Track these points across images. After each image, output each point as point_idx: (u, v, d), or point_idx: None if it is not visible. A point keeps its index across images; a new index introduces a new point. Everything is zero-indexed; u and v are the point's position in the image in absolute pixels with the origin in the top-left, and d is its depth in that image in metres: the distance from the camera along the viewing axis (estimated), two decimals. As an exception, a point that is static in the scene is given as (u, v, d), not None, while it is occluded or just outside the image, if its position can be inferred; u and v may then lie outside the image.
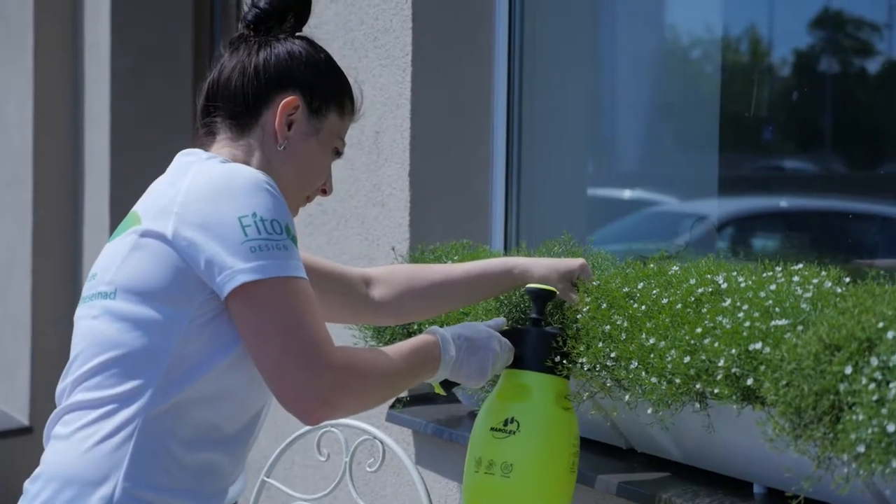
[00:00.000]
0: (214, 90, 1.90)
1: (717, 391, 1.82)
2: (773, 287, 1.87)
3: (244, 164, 1.82)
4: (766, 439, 1.70)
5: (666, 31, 3.29)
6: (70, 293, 5.25)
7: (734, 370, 1.79)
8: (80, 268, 5.30)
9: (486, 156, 3.24)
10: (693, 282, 1.99)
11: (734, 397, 1.80)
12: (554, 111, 3.29)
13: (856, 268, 2.46)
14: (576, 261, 2.18)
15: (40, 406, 5.20)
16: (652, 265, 2.17)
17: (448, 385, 2.02)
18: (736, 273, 1.98)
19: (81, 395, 1.74)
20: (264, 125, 1.87)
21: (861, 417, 1.51)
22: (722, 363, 1.80)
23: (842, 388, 1.57)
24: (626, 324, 2.00)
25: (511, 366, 2.06)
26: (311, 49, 1.91)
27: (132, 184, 2.27)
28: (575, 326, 2.09)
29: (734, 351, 1.79)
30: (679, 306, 1.95)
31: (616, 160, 3.47)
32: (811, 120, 2.90)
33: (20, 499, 1.77)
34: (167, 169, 1.84)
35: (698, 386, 1.85)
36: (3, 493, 4.79)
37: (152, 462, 1.70)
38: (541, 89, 3.25)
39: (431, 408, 2.99)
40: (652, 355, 1.93)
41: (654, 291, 2.02)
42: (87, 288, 1.82)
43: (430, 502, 2.49)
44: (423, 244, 2.96)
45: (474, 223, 3.21)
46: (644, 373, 1.94)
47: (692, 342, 1.87)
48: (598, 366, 2.03)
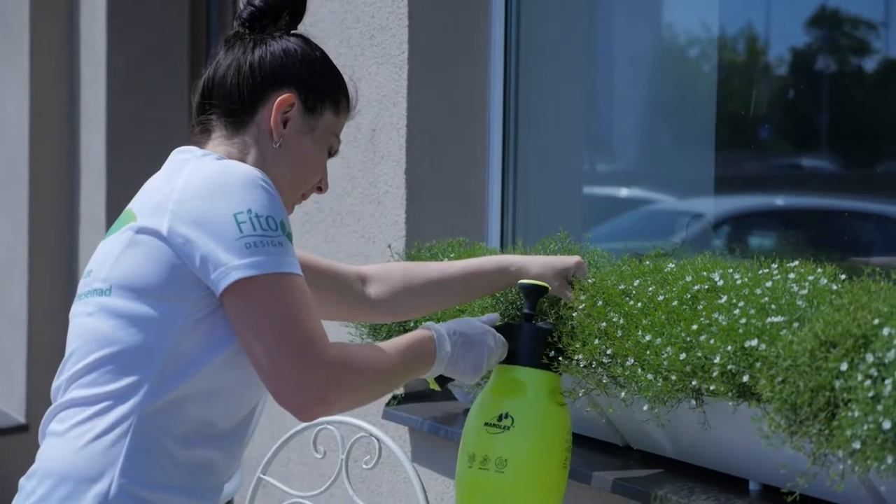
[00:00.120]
0: (210, 88, 1.89)
1: (712, 388, 1.82)
2: (769, 284, 1.87)
3: (239, 161, 1.82)
4: (762, 436, 1.71)
5: (662, 30, 3.29)
6: (66, 291, 5.24)
7: (730, 367, 1.79)
8: (77, 266, 5.30)
9: (483, 153, 3.24)
10: (689, 279, 1.99)
11: (730, 394, 1.81)
12: (550, 109, 3.28)
13: (852, 265, 2.46)
14: (571, 258, 2.18)
15: (36, 404, 5.20)
16: (648, 262, 2.17)
17: (443, 380, 2.02)
18: (732, 270, 1.98)
19: (77, 391, 1.74)
20: (260, 123, 1.87)
21: (857, 414, 1.51)
22: (718, 360, 1.80)
23: (837, 384, 1.57)
24: (622, 321, 2.00)
25: (504, 361, 2.06)
26: (307, 47, 1.91)
27: (128, 182, 2.27)
28: (571, 323, 2.09)
29: (730, 348, 1.79)
30: (675, 303, 1.95)
31: (612, 158, 3.47)
32: (808, 119, 2.90)
33: (16, 496, 1.77)
34: (162, 166, 1.84)
35: (694, 383, 1.85)
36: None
37: (148, 459, 1.70)
38: (537, 87, 3.25)
39: (428, 405, 2.99)
40: (648, 352, 1.93)
41: (651, 288, 2.02)
42: (82, 285, 1.82)
43: (427, 499, 2.49)
44: (420, 242, 2.96)
45: (471, 221, 3.20)
46: (640, 369, 1.94)
47: (688, 339, 1.87)
48: (594, 362, 2.03)
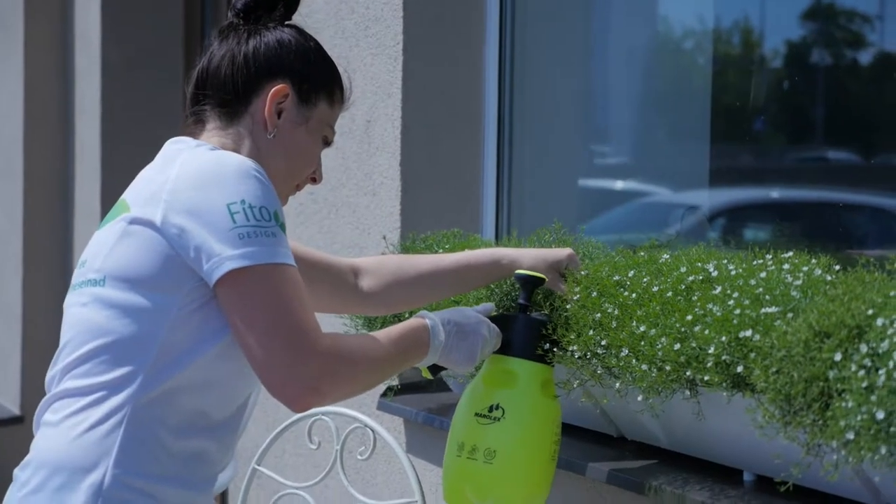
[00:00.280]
0: (204, 78, 1.89)
1: (707, 378, 1.82)
2: (764, 275, 1.87)
3: (234, 151, 1.82)
4: (756, 426, 1.71)
5: (658, 23, 3.29)
6: (61, 283, 5.23)
7: (724, 357, 1.79)
8: (71, 258, 5.29)
9: (478, 145, 3.23)
10: (684, 270, 1.99)
11: (724, 384, 1.81)
12: (545, 101, 3.28)
13: (846, 256, 2.47)
14: (563, 251, 2.18)
15: (31, 395, 5.19)
16: (642, 253, 2.17)
17: (436, 369, 2.02)
18: (726, 261, 1.98)
19: (71, 382, 1.74)
20: (254, 113, 1.86)
21: (850, 404, 1.52)
22: (712, 350, 1.80)
23: (831, 375, 1.57)
24: (616, 312, 2.00)
25: (498, 351, 2.06)
26: (301, 37, 1.91)
27: (123, 174, 2.26)
28: (565, 315, 2.09)
29: (724, 338, 1.79)
30: (669, 294, 1.95)
31: (607, 150, 3.47)
32: (802, 111, 2.90)
33: (10, 486, 1.77)
34: (156, 157, 1.84)
35: (688, 373, 1.85)
36: (-6, 482, 4.78)
37: (142, 449, 1.70)
38: (532, 79, 3.25)
39: (422, 396, 2.99)
40: (642, 343, 1.93)
41: (645, 279, 2.02)
42: (76, 275, 1.81)
43: (421, 490, 2.49)
44: (415, 233, 2.96)
45: (465, 212, 3.20)
46: (634, 360, 1.94)
47: (682, 330, 1.88)
48: (589, 353, 2.03)
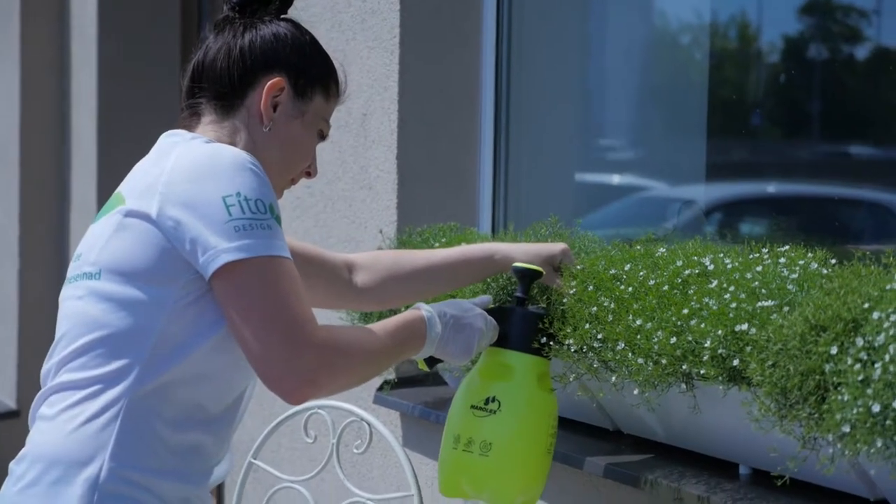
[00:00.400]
0: (199, 71, 1.89)
1: (703, 372, 1.82)
2: (760, 268, 1.87)
3: (229, 145, 1.81)
4: (752, 420, 1.71)
5: (655, 17, 3.29)
6: (57, 277, 5.23)
7: (720, 351, 1.79)
8: (68, 251, 5.29)
9: (474, 138, 3.23)
10: (680, 263, 1.99)
11: (720, 378, 1.81)
12: (542, 94, 3.28)
13: (842, 251, 2.46)
14: (557, 245, 2.18)
15: (27, 389, 5.19)
16: (639, 247, 2.17)
17: (432, 362, 2.02)
18: (723, 255, 1.98)
19: (67, 375, 1.74)
20: (249, 107, 1.86)
21: (846, 398, 1.52)
22: (708, 344, 1.80)
23: (827, 368, 1.57)
24: (612, 305, 2.00)
25: (494, 344, 2.06)
26: (297, 31, 1.91)
27: (119, 167, 2.26)
28: (561, 308, 2.09)
29: (720, 332, 1.79)
30: (666, 288, 1.95)
31: (604, 145, 3.47)
32: (799, 106, 2.90)
33: (6, 480, 1.77)
34: (151, 150, 1.84)
35: (685, 367, 1.85)
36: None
37: (138, 442, 1.70)
38: (529, 72, 3.24)
39: (419, 390, 2.99)
40: (639, 336, 1.93)
41: (641, 273, 2.02)
42: (72, 268, 1.81)
43: (417, 484, 2.49)
44: (411, 227, 2.95)
45: (462, 206, 3.20)
46: (631, 354, 1.94)
47: (679, 323, 1.88)
48: (585, 347, 2.03)
